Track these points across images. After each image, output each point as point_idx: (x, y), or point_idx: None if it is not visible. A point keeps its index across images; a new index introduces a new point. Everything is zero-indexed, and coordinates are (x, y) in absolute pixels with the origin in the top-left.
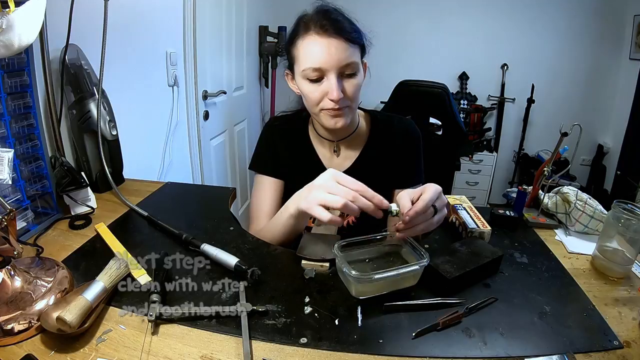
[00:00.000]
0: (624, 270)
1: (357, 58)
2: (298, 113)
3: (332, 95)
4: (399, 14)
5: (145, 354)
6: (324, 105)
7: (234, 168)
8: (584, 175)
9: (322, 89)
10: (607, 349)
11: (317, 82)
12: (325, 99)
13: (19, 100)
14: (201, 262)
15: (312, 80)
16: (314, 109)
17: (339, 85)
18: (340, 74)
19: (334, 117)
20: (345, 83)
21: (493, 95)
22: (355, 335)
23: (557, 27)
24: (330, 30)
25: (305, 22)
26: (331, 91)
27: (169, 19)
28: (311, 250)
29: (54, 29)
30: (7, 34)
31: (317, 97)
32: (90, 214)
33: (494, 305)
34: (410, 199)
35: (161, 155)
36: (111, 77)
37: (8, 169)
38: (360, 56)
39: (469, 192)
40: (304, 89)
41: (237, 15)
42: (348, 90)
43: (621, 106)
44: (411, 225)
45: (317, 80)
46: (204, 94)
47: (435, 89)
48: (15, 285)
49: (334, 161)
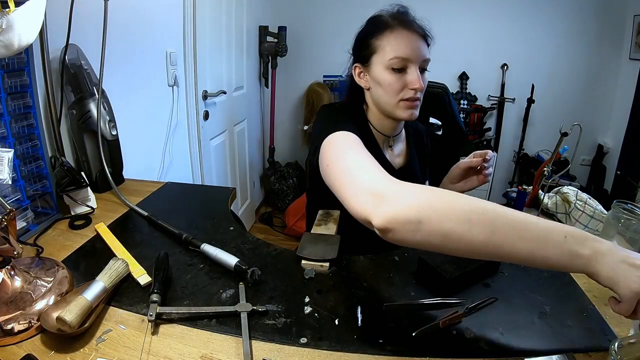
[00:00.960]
0: None
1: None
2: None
3: (416, 85)
4: None
5: (145, 354)
6: (404, 95)
7: (234, 168)
8: (584, 175)
9: (404, 79)
10: (607, 349)
11: (399, 73)
12: (406, 89)
13: (19, 100)
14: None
15: (395, 70)
16: (393, 100)
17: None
18: (420, 67)
19: (411, 108)
20: (422, 76)
21: (493, 95)
22: (355, 335)
23: (557, 27)
24: (413, 28)
25: (388, 18)
26: (414, 81)
27: (169, 19)
28: (311, 250)
29: (54, 29)
30: (7, 34)
31: (399, 87)
32: (90, 214)
33: (494, 305)
34: None
35: (161, 155)
36: (111, 77)
37: (8, 169)
38: None
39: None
40: (386, 79)
41: (237, 15)
42: (423, 84)
43: (621, 106)
44: None
45: (400, 71)
46: (204, 94)
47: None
48: (15, 285)
49: (392, 158)
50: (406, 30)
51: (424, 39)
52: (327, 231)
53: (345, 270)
